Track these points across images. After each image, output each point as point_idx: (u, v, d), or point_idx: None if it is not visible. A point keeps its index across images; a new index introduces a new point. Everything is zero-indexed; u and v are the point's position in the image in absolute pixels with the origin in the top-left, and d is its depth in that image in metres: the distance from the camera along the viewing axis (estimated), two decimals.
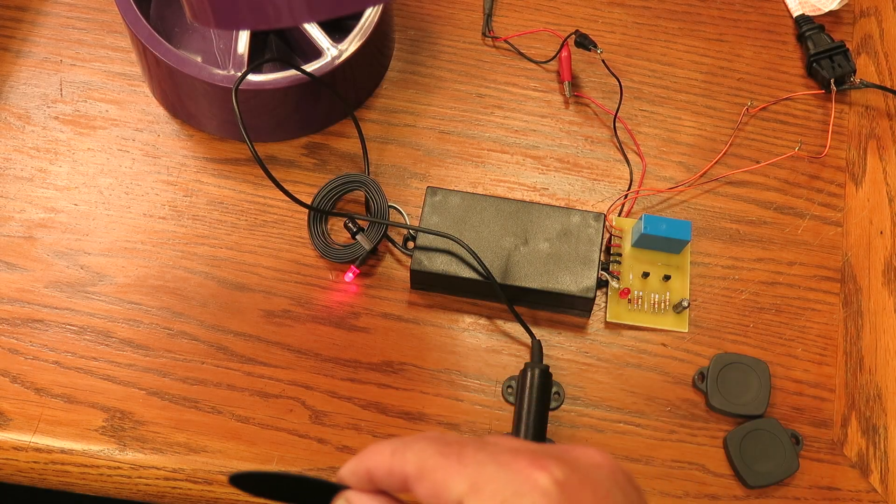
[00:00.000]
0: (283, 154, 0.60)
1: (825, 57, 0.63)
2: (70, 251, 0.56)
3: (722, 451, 0.53)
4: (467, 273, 0.53)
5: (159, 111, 0.61)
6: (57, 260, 0.56)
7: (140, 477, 0.51)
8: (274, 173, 0.54)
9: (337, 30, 0.60)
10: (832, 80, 0.62)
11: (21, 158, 0.59)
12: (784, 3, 0.67)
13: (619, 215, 0.59)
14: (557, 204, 0.59)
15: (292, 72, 0.56)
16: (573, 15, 0.66)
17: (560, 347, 0.55)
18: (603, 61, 0.63)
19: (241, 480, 0.33)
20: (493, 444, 0.31)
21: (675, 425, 0.53)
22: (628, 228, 0.57)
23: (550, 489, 0.29)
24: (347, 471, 0.33)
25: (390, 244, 0.57)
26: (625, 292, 0.56)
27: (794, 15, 0.66)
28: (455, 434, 0.32)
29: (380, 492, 0.33)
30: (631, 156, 0.61)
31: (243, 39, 0.58)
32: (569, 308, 0.55)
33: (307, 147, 0.60)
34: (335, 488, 0.34)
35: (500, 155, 0.61)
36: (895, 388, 0.54)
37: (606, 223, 0.57)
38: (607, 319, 0.56)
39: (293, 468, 0.51)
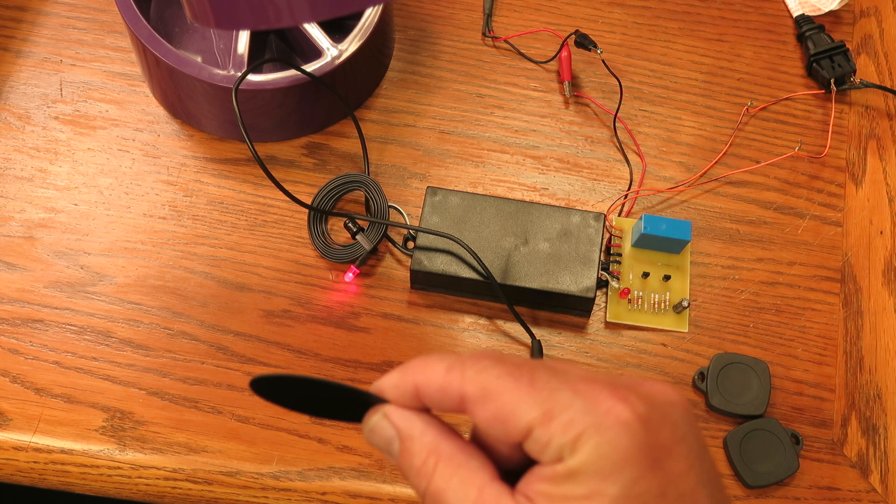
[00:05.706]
0: (283, 154, 0.60)
1: (825, 57, 0.63)
2: (70, 251, 0.56)
3: (722, 451, 0.53)
4: (467, 273, 0.53)
5: (159, 111, 0.61)
6: (57, 260, 0.56)
7: (140, 477, 0.51)
8: (274, 173, 0.54)
9: (337, 30, 0.60)
10: (832, 80, 0.62)
11: (21, 158, 0.59)
12: (784, 3, 0.67)
13: (619, 215, 0.59)
14: (557, 204, 0.59)
15: (292, 72, 0.56)
16: (573, 15, 0.66)
17: (560, 347, 0.55)
18: (603, 61, 0.63)
19: (262, 385, 0.30)
20: (563, 371, 0.28)
21: None
22: (628, 228, 0.57)
23: (633, 424, 0.27)
24: (389, 384, 0.30)
25: (390, 244, 0.57)
26: (625, 292, 0.55)
27: (794, 15, 0.66)
28: (517, 355, 0.30)
29: (423, 409, 0.30)
30: (631, 156, 0.61)
31: (243, 39, 0.58)
32: (569, 308, 0.55)
33: (307, 147, 0.60)
34: (371, 400, 0.30)
35: (500, 155, 0.61)
36: (895, 388, 0.54)
37: (606, 223, 0.57)
38: (607, 319, 0.56)
39: (293, 468, 0.51)
